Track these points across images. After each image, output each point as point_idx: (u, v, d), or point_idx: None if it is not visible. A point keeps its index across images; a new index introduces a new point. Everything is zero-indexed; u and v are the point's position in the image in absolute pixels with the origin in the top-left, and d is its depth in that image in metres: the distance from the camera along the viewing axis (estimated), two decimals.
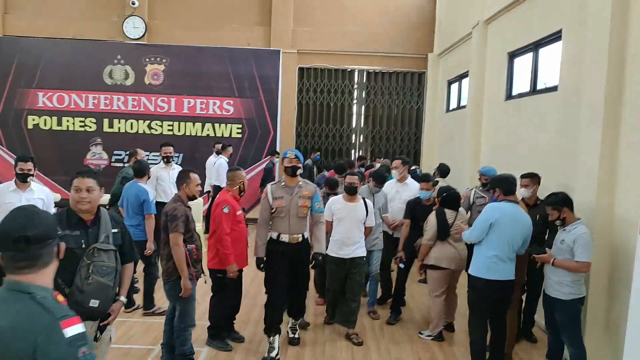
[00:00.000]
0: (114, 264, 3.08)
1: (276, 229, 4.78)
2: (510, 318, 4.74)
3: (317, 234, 4.93)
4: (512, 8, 7.33)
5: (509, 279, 4.41)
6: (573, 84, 5.46)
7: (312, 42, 11.84)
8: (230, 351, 4.89)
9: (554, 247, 4.33)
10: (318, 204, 4.92)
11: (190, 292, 4.26)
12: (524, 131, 6.76)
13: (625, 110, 4.55)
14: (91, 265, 2.97)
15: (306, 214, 4.82)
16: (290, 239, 4.75)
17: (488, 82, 8.27)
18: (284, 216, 4.71)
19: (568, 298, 4.18)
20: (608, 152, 4.62)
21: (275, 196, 4.74)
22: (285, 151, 4.92)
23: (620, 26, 4.57)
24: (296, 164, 4.77)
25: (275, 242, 4.77)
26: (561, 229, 4.31)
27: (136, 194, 5.66)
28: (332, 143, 12.16)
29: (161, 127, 11.50)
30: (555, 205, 4.28)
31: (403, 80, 12.13)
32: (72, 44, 11.35)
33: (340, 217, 5.23)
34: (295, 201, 4.73)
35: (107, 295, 3.04)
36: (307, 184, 4.91)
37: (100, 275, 2.99)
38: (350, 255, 5.21)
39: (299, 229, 4.79)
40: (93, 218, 3.13)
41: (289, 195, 4.73)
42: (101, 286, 2.99)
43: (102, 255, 3.04)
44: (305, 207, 4.78)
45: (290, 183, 4.80)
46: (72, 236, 2.99)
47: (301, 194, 4.77)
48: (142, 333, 5.25)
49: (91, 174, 3.14)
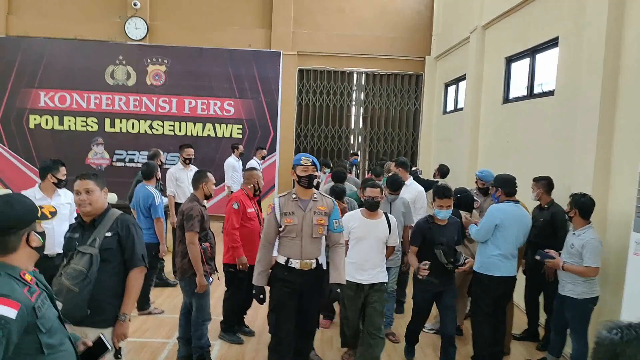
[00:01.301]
0: (85, 269, 2.94)
1: (285, 252, 3.92)
2: (508, 311, 5.00)
3: (335, 259, 4.03)
4: (509, 14, 7.56)
5: (511, 275, 4.70)
6: (569, 89, 5.69)
7: (311, 45, 12.02)
8: (241, 344, 5.09)
9: (565, 250, 4.50)
10: (337, 222, 4.01)
11: (205, 289, 4.45)
12: (521, 134, 6.99)
13: (618, 115, 4.79)
14: (66, 267, 2.97)
15: (322, 234, 3.95)
16: (302, 265, 3.89)
17: (485, 85, 8.50)
18: (295, 237, 3.86)
19: (581, 297, 4.32)
20: (603, 155, 4.87)
21: (284, 211, 3.86)
22: (298, 156, 3.96)
23: (615, 36, 4.81)
24: (313, 173, 3.86)
25: (283, 268, 3.91)
26: (571, 233, 4.47)
27: (144, 197, 5.77)
28: (330, 144, 12.35)
29: (162, 127, 11.64)
30: (571, 202, 4.43)
31: (401, 82, 12.34)
32: (74, 45, 11.47)
33: (359, 236, 4.46)
34: (310, 218, 3.86)
35: (71, 300, 2.88)
36: (323, 197, 4.03)
37: (67, 278, 2.92)
38: (370, 281, 4.44)
39: (313, 253, 3.93)
40: (92, 220, 3.12)
41: (301, 210, 3.87)
42: (66, 289, 2.90)
43: (79, 259, 2.97)
44: (321, 226, 3.90)
45: (304, 196, 3.92)
46: (71, 239, 3.09)
47: (316, 209, 3.90)
48: (156, 327, 5.43)
49: (90, 176, 3.15)
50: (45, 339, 2.00)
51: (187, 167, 7.35)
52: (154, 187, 5.86)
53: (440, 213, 4.50)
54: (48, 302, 2.08)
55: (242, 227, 5.01)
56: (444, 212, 4.49)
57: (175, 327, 5.24)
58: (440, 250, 4.43)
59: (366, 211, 4.54)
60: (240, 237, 4.96)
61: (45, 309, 2.03)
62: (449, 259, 4.43)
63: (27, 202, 2.10)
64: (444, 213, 4.50)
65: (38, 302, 1.99)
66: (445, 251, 4.43)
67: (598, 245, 4.28)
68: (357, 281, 4.46)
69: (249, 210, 5.08)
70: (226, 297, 5.21)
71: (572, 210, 4.40)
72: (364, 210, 4.56)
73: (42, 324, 1.99)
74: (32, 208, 2.09)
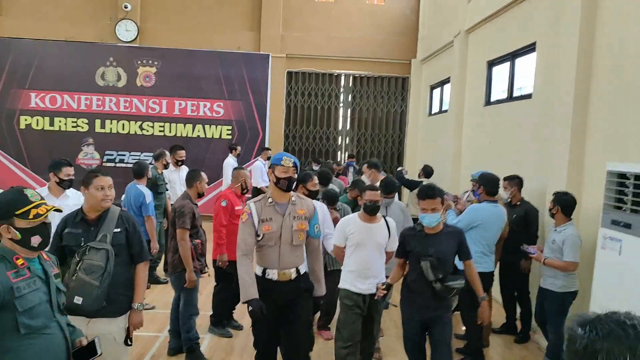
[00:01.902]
0: (102, 264, 3.08)
1: (262, 262, 3.58)
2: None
3: (315, 268, 3.75)
4: (491, 20, 7.82)
5: (490, 271, 4.93)
6: (546, 92, 5.95)
7: (300, 47, 12.23)
8: (230, 337, 5.27)
9: (546, 246, 4.71)
10: (317, 227, 3.70)
11: (194, 284, 4.62)
12: (501, 135, 7.24)
13: (590, 116, 5.05)
14: (80, 263, 3.07)
15: (303, 241, 3.63)
16: (280, 275, 3.53)
17: (469, 88, 8.76)
18: (274, 245, 3.52)
19: (560, 290, 4.51)
20: (576, 155, 5.12)
21: (262, 218, 3.51)
22: (279, 155, 3.61)
23: (587, 41, 5.06)
24: (293, 175, 3.54)
25: (260, 280, 3.54)
26: (552, 230, 4.69)
27: (135, 196, 5.92)
28: (319, 145, 12.56)
29: (152, 128, 11.78)
30: (554, 200, 4.66)
31: (387, 84, 12.59)
32: (65, 46, 11.58)
33: (358, 242, 4.09)
34: (289, 223, 3.53)
35: (91, 294, 3.04)
36: (301, 199, 3.72)
37: (85, 273, 3.05)
38: (372, 290, 4.06)
39: (293, 261, 3.57)
40: (98, 216, 3.24)
41: (279, 215, 3.53)
42: (85, 284, 3.04)
43: (93, 254, 3.09)
44: (302, 232, 3.59)
45: (281, 199, 3.57)
46: (74, 234, 3.18)
47: (296, 213, 3.57)
48: (147, 322, 5.46)
49: (106, 173, 3.31)
50: (23, 319, 2.26)
51: (179, 168, 7.52)
52: (144, 186, 6.01)
53: (425, 218, 3.71)
54: (37, 286, 2.35)
55: (230, 224, 5.18)
56: (428, 216, 3.69)
57: (166, 322, 5.42)
58: (427, 262, 3.62)
59: (364, 215, 4.18)
60: (229, 234, 5.14)
61: (28, 291, 2.30)
62: (436, 274, 3.61)
63: (2, 200, 2.38)
64: (428, 218, 3.70)
65: (21, 284, 2.27)
66: (433, 264, 3.62)
67: (578, 241, 4.48)
68: (358, 291, 4.10)
69: (237, 207, 5.25)
70: (215, 292, 5.39)
71: (554, 207, 4.62)
72: (362, 214, 4.20)
73: (19, 303, 2.24)
74: (6, 205, 2.35)
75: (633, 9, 4.51)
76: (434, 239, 3.74)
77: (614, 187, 3.93)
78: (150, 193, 6.04)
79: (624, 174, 3.85)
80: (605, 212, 4.04)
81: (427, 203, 3.71)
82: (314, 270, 3.76)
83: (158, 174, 6.84)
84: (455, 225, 4.11)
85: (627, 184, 3.80)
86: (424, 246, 3.71)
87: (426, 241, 3.73)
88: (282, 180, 3.51)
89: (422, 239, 3.75)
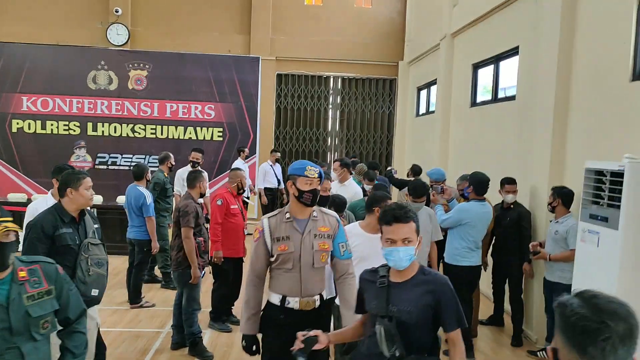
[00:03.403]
0: (105, 256, 3.46)
1: (279, 289, 3.05)
2: (475, 298, 5.51)
3: (345, 294, 3.14)
4: (476, 24, 8.11)
5: (477, 265, 5.20)
6: (528, 94, 6.24)
7: (289, 50, 12.45)
8: (230, 332, 5.48)
9: (548, 238, 4.98)
10: (344, 246, 3.17)
11: (198, 279, 4.84)
12: (487, 135, 7.53)
13: (570, 117, 5.34)
14: (88, 259, 3.32)
15: (325, 263, 3.12)
16: (303, 304, 3.02)
17: (455, 90, 9.05)
18: (292, 268, 3.01)
19: (570, 282, 4.64)
20: (557, 153, 5.42)
21: (276, 236, 3.01)
22: (301, 165, 3.05)
23: (567, 46, 5.35)
24: (317, 187, 3.03)
25: (277, 310, 3.04)
26: (554, 222, 4.95)
27: (135, 197, 6.11)
28: (309, 146, 12.79)
29: (144, 131, 11.91)
30: (554, 194, 4.91)
31: (375, 86, 12.86)
32: (56, 50, 11.66)
33: (362, 255, 3.50)
34: (309, 243, 3.03)
35: (103, 285, 3.44)
36: (324, 214, 3.18)
37: (97, 267, 3.36)
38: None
39: (316, 287, 3.08)
40: (79, 215, 3.44)
41: (298, 234, 3.02)
42: (100, 277, 3.38)
43: (95, 249, 3.38)
44: (324, 252, 3.07)
45: (300, 215, 3.06)
46: (70, 234, 3.35)
47: (317, 231, 3.07)
48: (149, 319, 5.78)
49: (87, 173, 3.56)
50: None
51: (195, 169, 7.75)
52: (144, 188, 6.19)
53: (391, 254, 2.38)
54: None
55: (226, 222, 5.42)
56: (397, 251, 2.35)
57: (167, 318, 5.64)
58: (382, 328, 2.34)
59: (369, 225, 3.73)
60: (225, 232, 5.37)
61: None
62: (391, 348, 2.30)
63: None
64: (396, 254, 2.36)
65: None
66: (389, 332, 2.32)
67: None
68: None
69: (233, 206, 5.48)
70: (214, 289, 5.61)
71: (555, 200, 4.89)
72: (366, 225, 3.77)
73: None
74: None
75: (610, 15, 4.80)
76: (399, 291, 2.40)
77: (592, 184, 4.20)
78: (150, 194, 6.22)
79: (601, 171, 4.13)
80: (584, 207, 4.32)
81: (394, 230, 2.35)
82: (344, 297, 3.13)
83: (165, 177, 7.00)
84: (436, 274, 2.57)
85: (604, 180, 4.07)
86: (381, 301, 2.39)
87: (388, 293, 2.39)
88: (305, 193, 2.98)
89: (381, 290, 2.41)
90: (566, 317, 1.36)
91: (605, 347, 1.30)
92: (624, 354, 1.31)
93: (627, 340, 1.31)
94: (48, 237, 3.27)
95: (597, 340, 1.30)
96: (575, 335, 1.34)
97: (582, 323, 1.33)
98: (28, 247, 3.27)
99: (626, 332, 1.31)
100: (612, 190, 3.98)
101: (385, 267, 2.48)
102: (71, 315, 2.53)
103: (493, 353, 5.35)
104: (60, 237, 3.31)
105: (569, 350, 1.36)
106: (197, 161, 7.79)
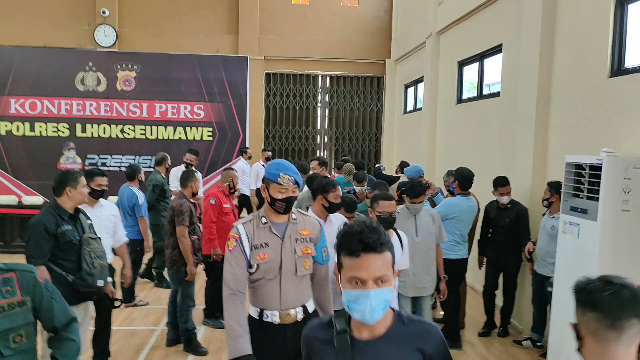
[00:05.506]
0: (104, 249, 3.73)
1: (257, 302, 2.79)
2: (462, 290, 5.66)
3: (323, 302, 2.93)
4: (460, 22, 8.25)
5: (464, 257, 5.35)
6: (512, 91, 6.39)
7: (277, 49, 12.54)
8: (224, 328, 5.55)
9: (543, 232, 5.06)
10: (325, 250, 2.91)
11: (194, 277, 4.94)
12: (472, 132, 7.69)
13: (552, 112, 5.50)
14: (91, 252, 3.55)
15: (308, 270, 2.83)
16: (283, 317, 2.74)
17: (441, 87, 9.19)
18: (273, 278, 2.73)
19: None
20: (540, 149, 5.57)
21: (255, 244, 2.72)
22: (275, 168, 2.74)
23: (548, 43, 5.50)
24: (292, 195, 2.73)
25: (256, 324, 2.75)
26: (549, 217, 5.01)
27: (128, 197, 6.19)
28: (298, 144, 12.89)
29: (134, 132, 11.92)
30: (550, 190, 4.96)
31: (363, 84, 12.99)
32: (44, 52, 11.62)
33: None
34: (290, 248, 2.76)
35: (106, 275, 3.70)
36: (303, 215, 2.91)
37: (100, 259, 3.62)
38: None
39: (299, 298, 2.80)
40: (75, 211, 3.66)
41: (277, 239, 2.75)
42: (103, 268, 3.63)
43: (94, 243, 3.62)
44: (307, 258, 2.80)
45: (277, 218, 2.79)
46: (71, 230, 3.55)
47: (297, 234, 2.80)
48: (143, 317, 5.86)
49: None
50: None
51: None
52: (137, 188, 6.27)
53: (358, 302, 1.59)
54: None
55: (219, 221, 5.51)
56: (367, 294, 1.58)
57: (161, 316, 5.73)
58: None
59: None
60: (217, 231, 5.46)
61: None
62: None
63: None
64: (365, 302, 1.58)
65: None
66: None
67: None
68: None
69: (225, 205, 5.58)
70: (207, 286, 5.70)
71: (552, 196, 4.94)
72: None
73: None
74: None
75: (589, 14, 4.96)
76: (370, 354, 1.65)
77: (572, 177, 4.36)
78: (142, 194, 6.30)
79: (580, 165, 4.28)
80: (565, 200, 4.47)
81: (363, 265, 1.58)
82: (322, 305, 2.92)
83: (163, 177, 7.07)
84: (421, 322, 1.75)
85: (584, 173, 4.23)
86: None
87: (351, 357, 1.64)
88: (277, 202, 2.71)
89: (343, 356, 1.65)
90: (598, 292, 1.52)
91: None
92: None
93: None
94: (51, 235, 3.45)
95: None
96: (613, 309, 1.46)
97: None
98: (33, 247, 3.43)
99: None
100: (591, 184, 4.13)
101: (342, 317, 1.69)
102: (57, 324, 2.37)
103: (480, 343, 5.50)
104: (63, 234, 3.50)
105: (605, 329, 1.46)
106: (191, 163, 7.86)
